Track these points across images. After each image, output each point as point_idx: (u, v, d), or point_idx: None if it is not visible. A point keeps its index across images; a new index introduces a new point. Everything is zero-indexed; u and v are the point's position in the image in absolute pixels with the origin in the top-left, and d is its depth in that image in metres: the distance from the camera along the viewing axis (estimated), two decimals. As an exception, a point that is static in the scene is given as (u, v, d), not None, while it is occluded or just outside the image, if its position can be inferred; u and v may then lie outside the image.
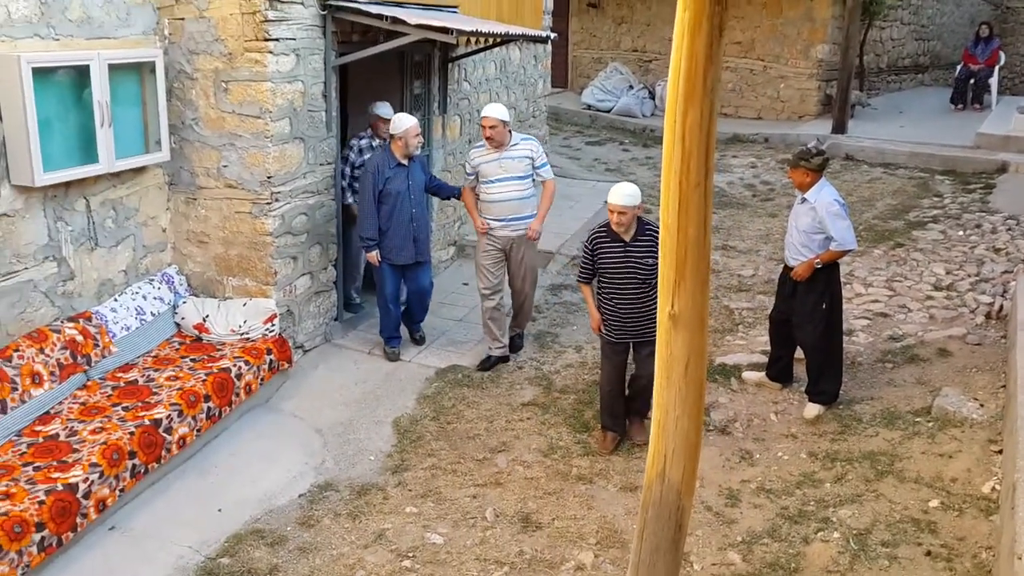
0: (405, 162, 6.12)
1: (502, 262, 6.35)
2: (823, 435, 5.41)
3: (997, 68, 14.83)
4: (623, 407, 5.44)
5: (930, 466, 4.88)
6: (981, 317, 6.68)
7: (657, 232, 4.63)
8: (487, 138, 6.13)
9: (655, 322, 4.72)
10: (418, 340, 6.76)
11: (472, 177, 6.31)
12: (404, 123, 6.06)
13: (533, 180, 6.31)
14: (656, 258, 4.64)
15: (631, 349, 5.41)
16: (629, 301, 5.21)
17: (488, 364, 6.43)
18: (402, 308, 6.60)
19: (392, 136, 6.11)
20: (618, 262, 5.18)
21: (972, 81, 14.96)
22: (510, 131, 6.23)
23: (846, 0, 13.02)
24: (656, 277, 4.67)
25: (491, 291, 6.37)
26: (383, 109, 6.79)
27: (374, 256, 6.19)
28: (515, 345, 6.64)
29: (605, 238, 5.22)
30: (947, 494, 4.62)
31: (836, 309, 5.64)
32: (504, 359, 6.48)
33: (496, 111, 6.10)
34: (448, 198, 6.84)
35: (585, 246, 5.38)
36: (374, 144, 6.75)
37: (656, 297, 4.63)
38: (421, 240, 6.31)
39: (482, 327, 6.53)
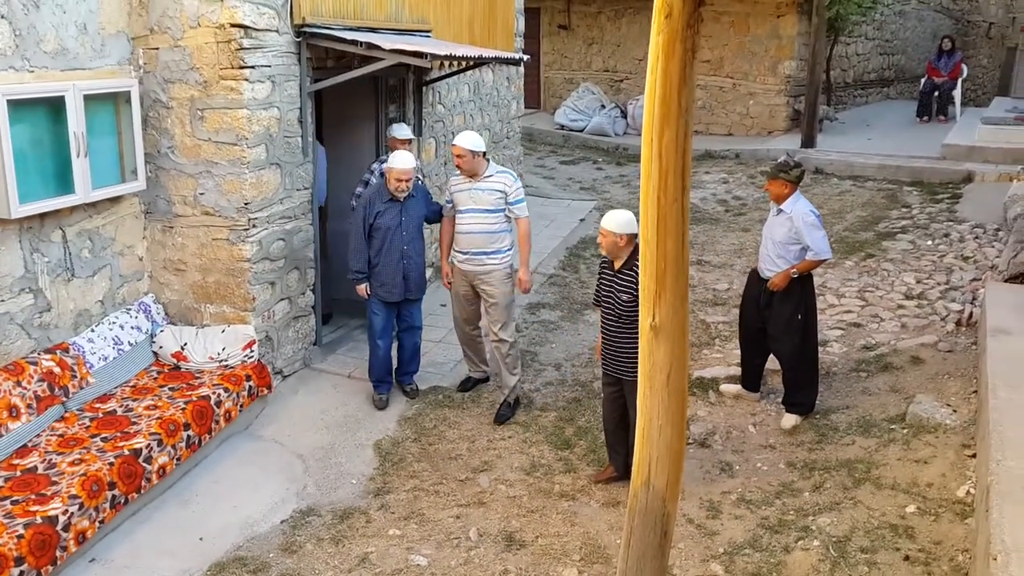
0: (400, 197, 5.95)
1: (476, 299, 6.14)
2: (801, 445, 5.48)
3: (960, 80, 15.16)
4: (621, 442, 5.15)
5: (906, 472, 4.96)
6: (952, 324, 6.81)
7: None
8: (457, 166, 5.97)
9: (634, 363, 4.71)
10: (409, 393, 6.36)
11: (451, 206, 6.09)
12: (392, 162, 5.90)
13: (507, 217, 5.99)
14: (633, 295, 4.67)
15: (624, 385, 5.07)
16: (608, 332, 5.06)
17: (468, 385, 6.37)
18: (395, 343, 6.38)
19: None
20: (604, 289, 5.08)
21: (936, 94, 15.28)
22: (487, 160, 5.98)
23: (812, 17, 13.28)
24: (633, 316, 4.63)
25: (464, 322, 6.24)
26: (400, 131, 6.74)
27: (363, 288, 6.04)
28: (499, 416, 6.02)
29: (605, 262, 5.13)
30: (923, 499, 4.70)
31: (811, 320, 5.74)
32: (484, 380, 6.41)
33: (465, 140, 5.85)
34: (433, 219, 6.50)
35: (599, 266, 5.28)
36: None
37: (632, 337, 4.65)
38: (412, 278, 6.09)
39: (461, 354, 6.46)
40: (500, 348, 6.05)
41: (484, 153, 5.93)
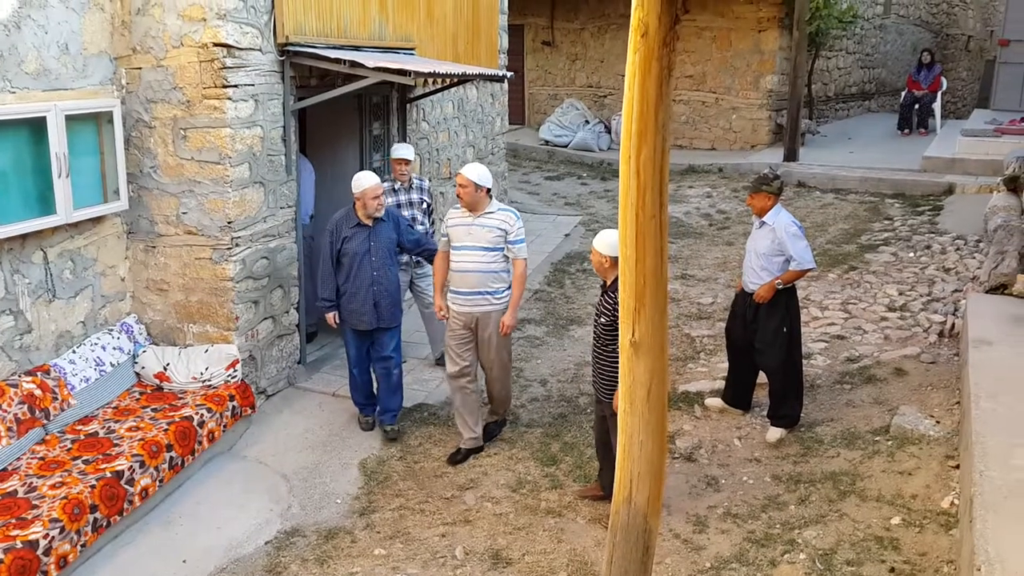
0: (368, 222, 5.72)
1: (470, 341, 5.67)
2: (786, 458, 5.49)
3: (940, 93, 15.32)
4: (607, 460, 4.95)
5: (890, 484, 4.98)
6: (934, 336, 6.86)
7: None
8: (457, 195, 5.61)
9: (612, 388, 4.72)
10: (388, 433, 5.97)
11: (445, 239, 5.71)
12: (362, 183, 5.66)
13: (506, 256, 5.64)
14: (611, 318, 4.67)
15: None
16: (593, 348, 5.04)
17: (458, 458, 5.70)
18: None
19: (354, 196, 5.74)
20: (595, 308, 5.10)
21: (917, 106, 15.44)
22: (490, 196, 5.62)
23: (792, 32, 13.41)
24: (610, 338, 4.71)
25: (458, 374, 5.69)
26: (400, 151, 6.69)
27: (331, 317, 5.87)
28: (489, 432, 5.92)
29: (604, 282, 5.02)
30: (908, 511, 4.72)
31: (796, 333, 5.77)
32: (478, 450, 5.79)
33: (472, 171, 5.51)
34: (424, 257, 6.23)
35: None
36: (396, 187, 6.69)
37: (614, 362, 4.57)
38: (384, 305, 5.78)
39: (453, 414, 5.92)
40: (498, 389, 5.91)
41: (488, 190, 5.60)
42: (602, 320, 4.85)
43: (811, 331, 7.18)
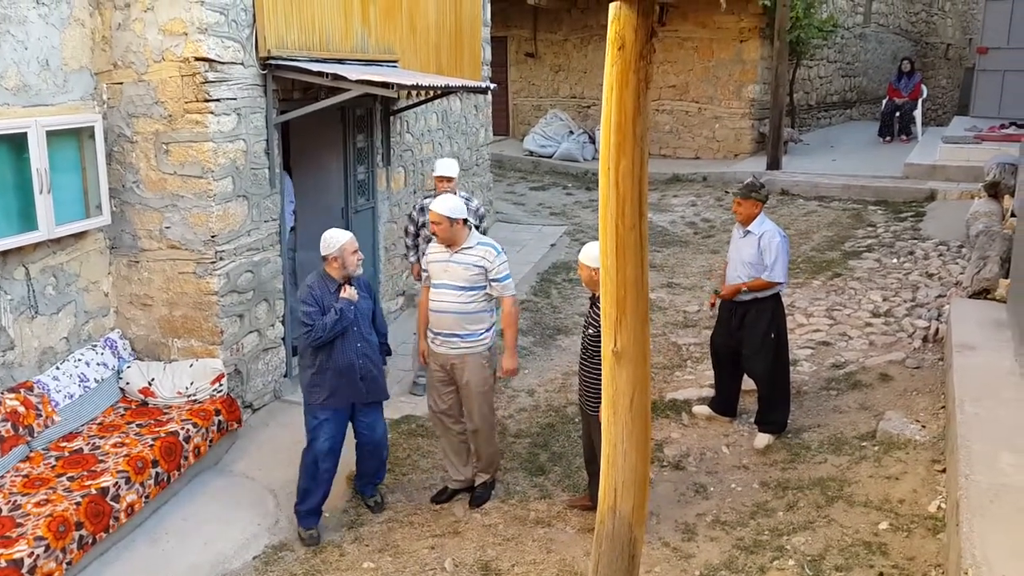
0: (343, 283, 4.99)
1: (451, 383, 5.27)
2: (774, 464, 5.51)
3: (920, 101, 15.48)
4: (596, 471, 4.96)
5: (878, 489, 5.00)
6: (918, 341, 6.90)
7: None
8: (432, 233, 5.25)
9: (592, 396, 4.70)
10: (373, 507, 5.29)
11: (427, 275, 5.31)
12: (338, 240, 4.92)
13: (488, 296, 5.18)
14: (597, 329, 4.38)
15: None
16: (580, 360, 5.02)
17: (443, 497, 5.40)
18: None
19: (324, 258, 4.95)
20: (584, 317, 5.02)
21: (898, 114, 15.59)
22: (469, 228, 5.19)
23: (774, 42, 13.52)
24: (596, 350, 4.55)
25: (439, 412, 5.36)
26: (444, 167, 6.52)
27: (351, 293, 4.97)
28: (475, 498, 5.34)
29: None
30: (895, 515, 4.74)
31: (783, 339, 5.80)
32: (468, 491, 5.42)
33: (442, 205, 5.06)
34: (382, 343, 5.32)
35: None
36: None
37: (590, 371, 4.62)
38: (371, 378, 5.08)
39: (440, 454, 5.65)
40: (475, 438, 5.34)
41: (466, 221, 5.16)
42: (589, 332, 4.81)
43: (797, 338, 7.21)
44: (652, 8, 2.42)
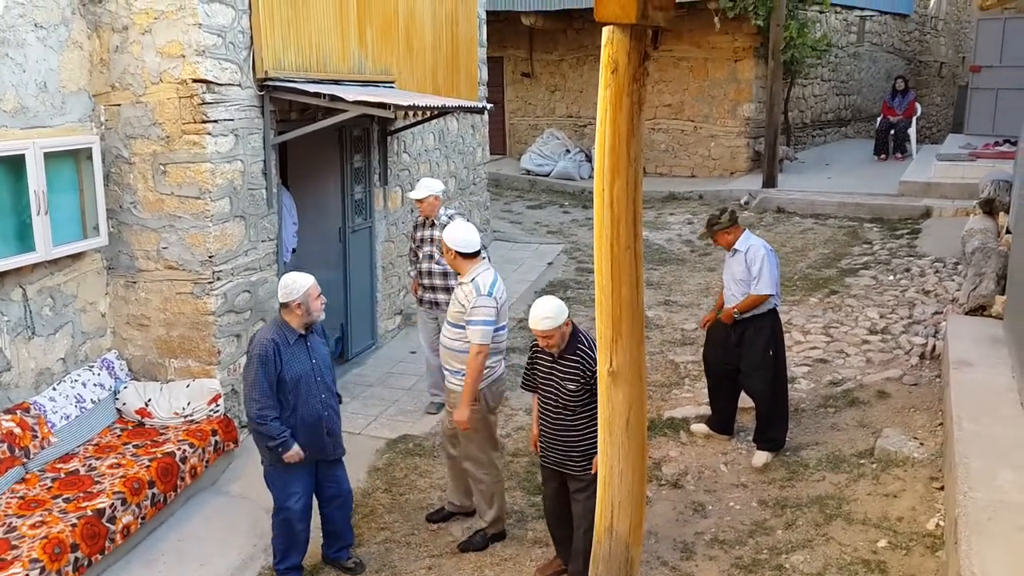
0: (303, 331, 4.61)
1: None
2: (772, 482, 5.49)
3: (915, 119, 15.56)
4: (564, 536, 4.59)
5: (876, 507, 4.99)
6: (916, 358, 6.90)
7: (589, 353, 4.25)
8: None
9: (585, 458, 4.32)
10: (355, 568, 4.89)
11: None
12: (301, 284, 4.53)
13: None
14: (580, 383, 4.21)
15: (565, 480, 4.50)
16: (551, 422, 4.44)
17: (438, 516, 5.34)
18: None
19: (284, 304, 4.57)
20: (545, 376, 4.46)
21: (892, 132, 15.66)
22: (481, 259, 5.04)
23: (768, 61, 13.61)
24: (580, 405, 4.24)
25: (445, 437, 5.28)
26: (415, 191, 6.50)
27: (294, 453, 4.53)
28: (467, 544, 5.05)
29: (537, 346, 4.49)
30: (894, 533, 4.72)
31: (781, 356, 5.80)
32: (465, 515, 5.31)
33: (447, 233, 4.98)
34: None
35: (530, 348, 4.67)
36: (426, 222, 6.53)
37: (585, 430, 4.24)
38: (336, 432, 4.77)
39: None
40: (471, 476, 5.11)
41: (476, 254, 4.96)
42: (570, 387, 4.31)
43: (794, 355, 7.22)
44: (645, 32, 2.44)
